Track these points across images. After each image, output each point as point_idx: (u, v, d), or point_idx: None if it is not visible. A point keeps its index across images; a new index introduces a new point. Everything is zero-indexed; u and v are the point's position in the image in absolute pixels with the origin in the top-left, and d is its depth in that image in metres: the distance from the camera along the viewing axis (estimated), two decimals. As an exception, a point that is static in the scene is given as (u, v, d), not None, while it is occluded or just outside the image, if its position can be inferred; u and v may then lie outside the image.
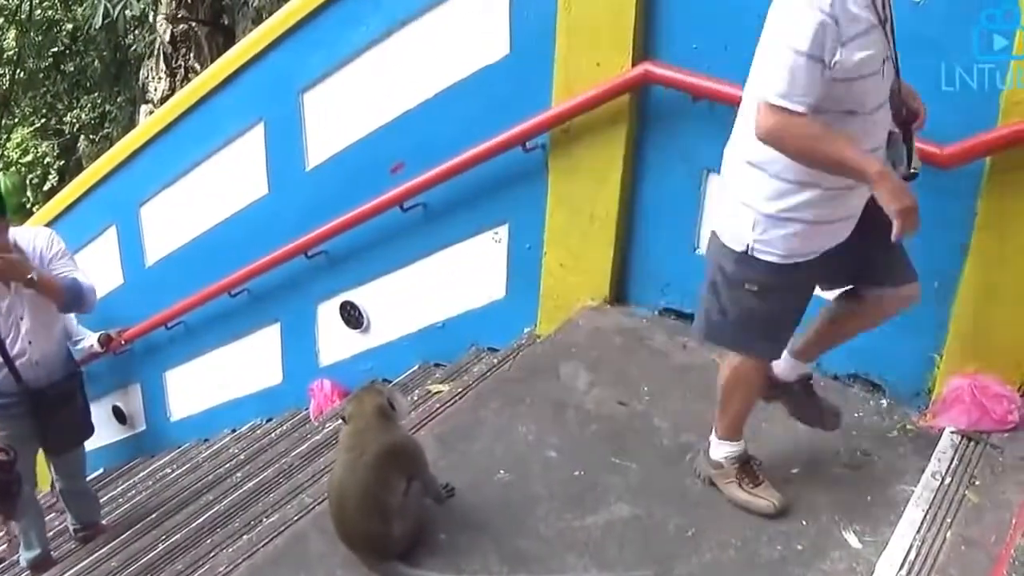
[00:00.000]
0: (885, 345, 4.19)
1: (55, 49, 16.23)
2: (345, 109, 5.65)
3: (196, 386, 7.50)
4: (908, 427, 4.05)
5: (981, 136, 3.64)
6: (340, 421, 3.53)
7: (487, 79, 5.00)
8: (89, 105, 16.57)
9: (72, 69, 16.63)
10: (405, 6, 5.17)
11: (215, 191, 6.61)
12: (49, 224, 7.40)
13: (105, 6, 11.05)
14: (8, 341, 4.96)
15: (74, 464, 5.69)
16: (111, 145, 12.66)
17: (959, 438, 3.85)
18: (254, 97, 6.07)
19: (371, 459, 3.32)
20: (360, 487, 3.31)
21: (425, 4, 5.10)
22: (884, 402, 4.23)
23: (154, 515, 5.68)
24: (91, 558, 5.48)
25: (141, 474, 7.37)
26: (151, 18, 12.80)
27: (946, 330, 4.02)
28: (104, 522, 6.12)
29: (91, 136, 16.55)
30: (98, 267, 7.28)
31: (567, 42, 4.62)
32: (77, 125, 16.76)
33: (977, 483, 3.62)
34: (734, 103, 4.13)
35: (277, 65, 5.82)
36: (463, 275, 5.53)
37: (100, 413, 7.63)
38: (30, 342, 5.03)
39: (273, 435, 6.44)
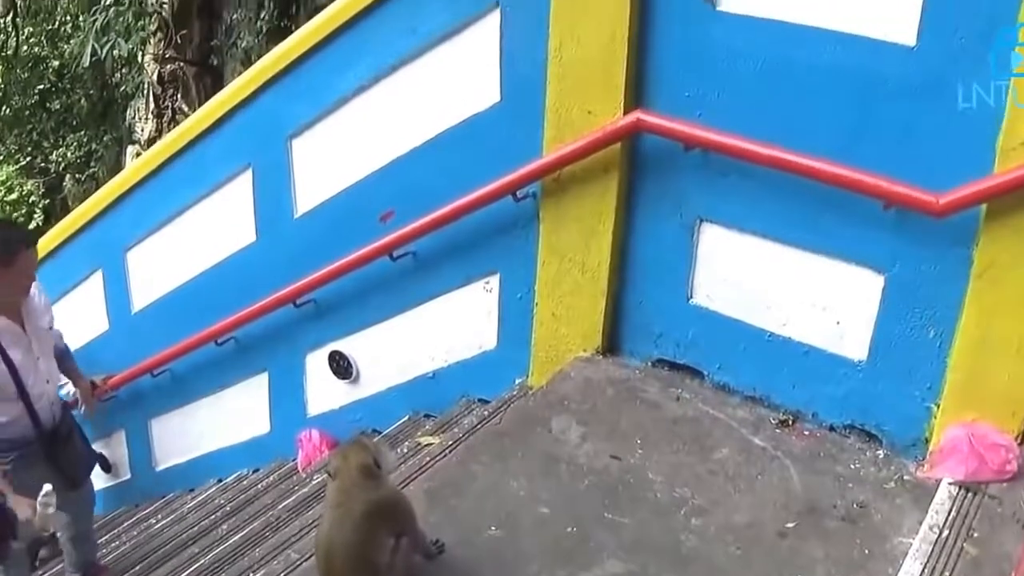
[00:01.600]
0: (882, 395, 4.19)
1: (41, 86, 16.21)
2: (334, 155, 5.62)
3: (182, 435, 7.41)
4: (905, 478, 4.03)
5: (976, 183, 3.64)
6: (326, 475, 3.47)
7: (478, 127, 4.98)
8: (75, 144, 16.51)
9: (58, 107, 16.60)
10: (394, 52, 5.15)
11: (202, 237, 6.56)
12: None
13: (93, 45, 11.04)
14: (30, 384, 4.91)
15: (87, 500, 5.68)
16: (97, 185, 12.66)
17: (957, 489, 3.83)
18: (242, 142, 6.04)
19: (358, 516, 3.26)
20: (348, 544, 3.25)
21: (415, 50, 5.08)
22: (881, 452, 4.20)
23: (138, 567, 5.61)
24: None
25: (125, 524, 7.27)
26: (139, 58, 12.78)
27: (943, 379, 4.01)
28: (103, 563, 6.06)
29: (77, 175, 16.52)
30: (84, 312, 7.23)
31: (558, 90, 4.60)
32: (63, 164, 16.72)
33: (975, 535, 3.59)
34: (728, 152, 4.15)
35: (265, 110, 5.79)
36: (454, 325, 5.49)
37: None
38: (47, 381, 5.02)
39: (260, 486, 6.39)
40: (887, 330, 4.11)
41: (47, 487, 4.25)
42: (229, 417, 7.06)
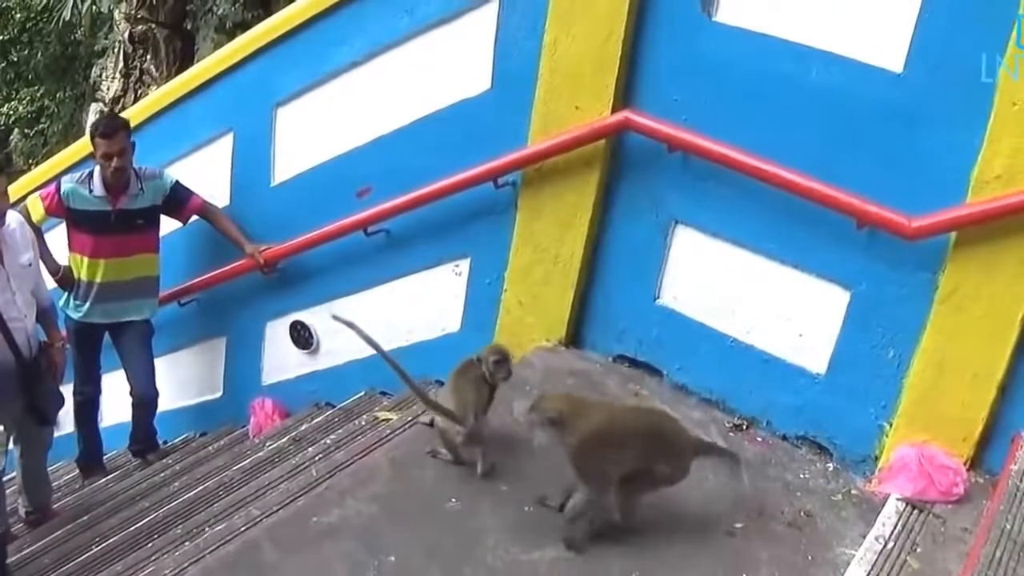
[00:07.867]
0: (837, 409, 4.29)
1: (2, 37, 15.95)
2: (319, 128, 5.63)
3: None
4: (853, 492, 4.14)
5: (950, 211, 3.77)
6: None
7: (465, 112, 5.03)
8: (28, 98, 16.29)
9: (15, 60, 16.35)
10: (390, 31, 5.18)
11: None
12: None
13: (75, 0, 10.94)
14: (8, 317, 4.92)
15: (44, 442, 5.76)
16: (45, 141, 12.39)
17: (904, 505, 3.93)
18: (227, 106, 6.02)
19: None
20: None
21: (410, 31, 5.12)
22: (831, 465, 4.31)
23: (86, 517, 5.56)
24: (19, 555, 5.32)
25: (65, 478, 7.16)
26: (114, 15, 12.65)
27: (898, 399, 4.13)
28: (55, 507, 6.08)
29: (26, 131, 16.25)
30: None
31: (549, 83, 4.68)
32: (12, 117, 16.44)
33: (919, 550, 3.69)
34: (709, 157, 4.24)
35: (255, 76, 5.78)
36: (419, 305, 5.52)
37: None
38: (25, 315, 5.02)
39: (210, 449, 6.35)
40: (848, 346, 4.24)
41: None
42: (181, 379, 7.02)
